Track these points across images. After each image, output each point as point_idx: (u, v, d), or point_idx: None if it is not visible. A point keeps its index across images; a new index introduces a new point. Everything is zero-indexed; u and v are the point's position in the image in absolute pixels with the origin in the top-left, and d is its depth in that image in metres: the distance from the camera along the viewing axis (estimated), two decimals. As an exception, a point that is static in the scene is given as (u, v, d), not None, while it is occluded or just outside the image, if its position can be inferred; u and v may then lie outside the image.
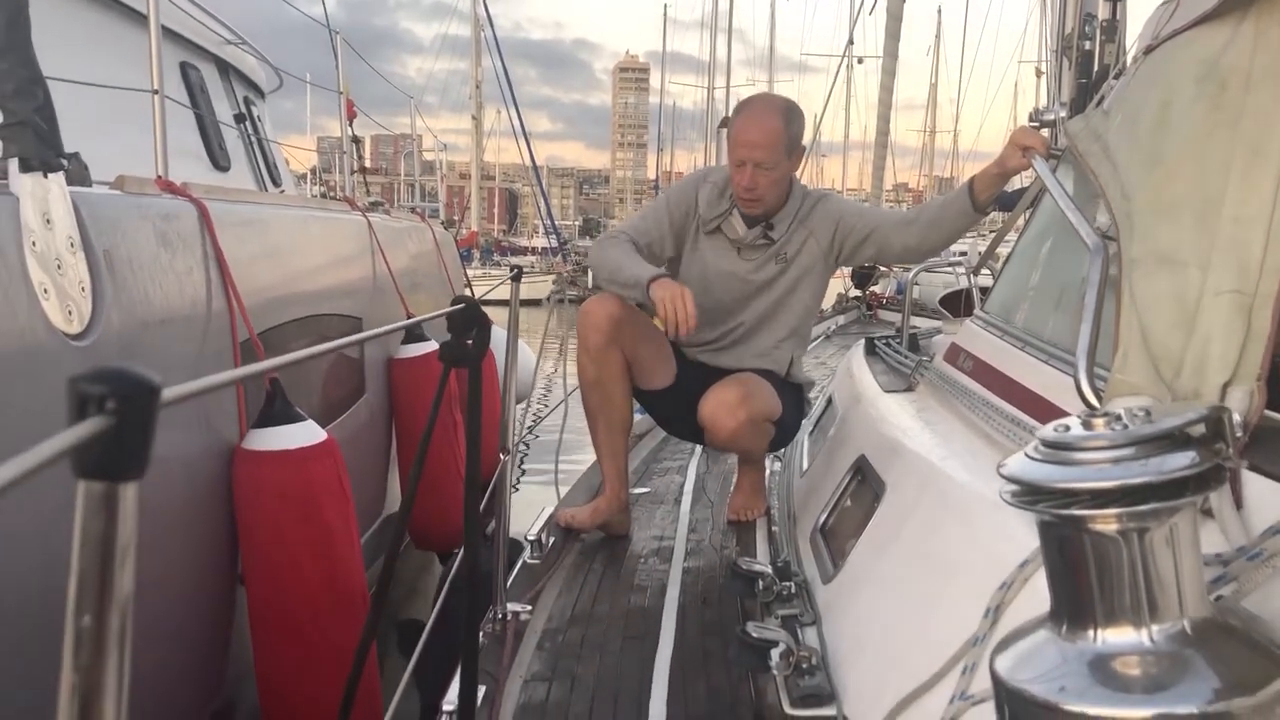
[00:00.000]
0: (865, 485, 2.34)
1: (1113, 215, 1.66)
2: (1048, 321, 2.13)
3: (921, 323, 5.61)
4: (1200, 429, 0.93)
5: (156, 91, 2.88)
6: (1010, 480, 0.95)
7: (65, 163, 2.17)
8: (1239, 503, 1.15)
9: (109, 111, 3.42)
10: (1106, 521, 0.89)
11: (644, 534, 3.06)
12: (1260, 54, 1.53)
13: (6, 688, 1.87)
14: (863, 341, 3.71)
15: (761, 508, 3.18)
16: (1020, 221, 3.36)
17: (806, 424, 3.89)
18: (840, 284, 13.85)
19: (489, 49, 31.35)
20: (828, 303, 14.39)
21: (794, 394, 3.10)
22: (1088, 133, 2.03)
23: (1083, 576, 0.92)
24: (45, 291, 2.00)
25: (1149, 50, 1.91)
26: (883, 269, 12.79)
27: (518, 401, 5.28)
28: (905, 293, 3.71)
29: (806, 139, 3.14)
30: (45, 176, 2.09)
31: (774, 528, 3.02)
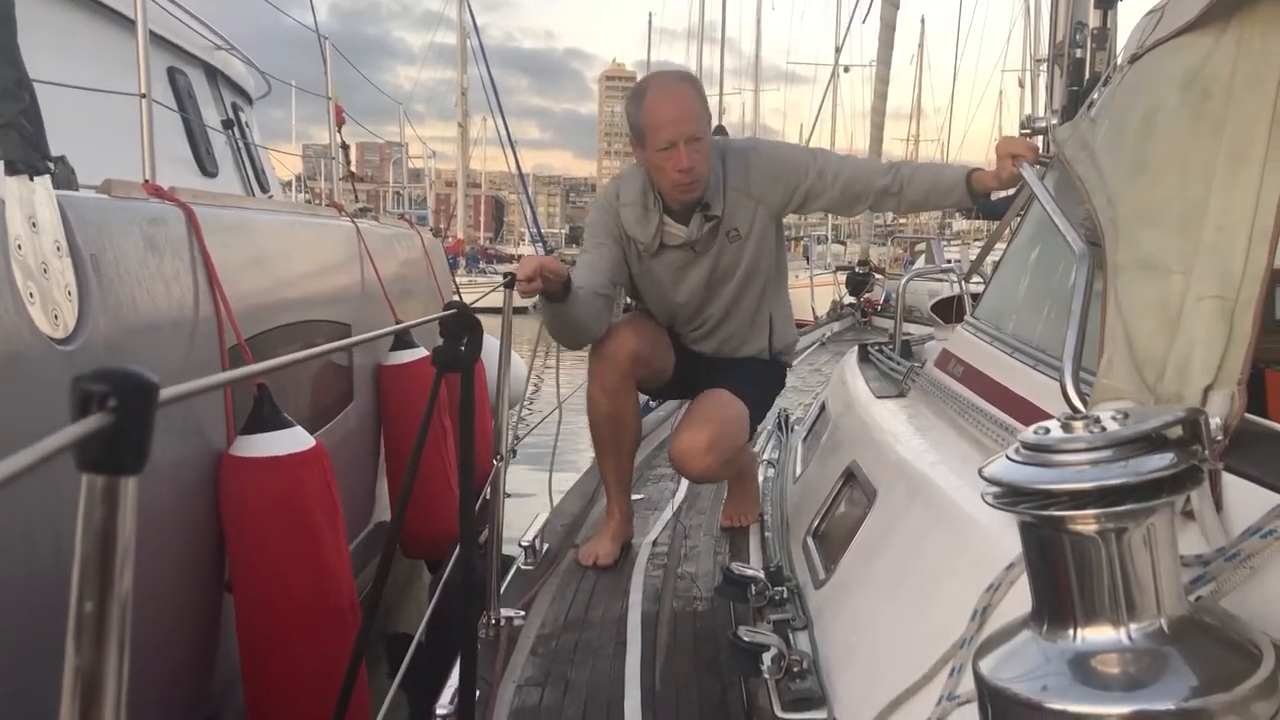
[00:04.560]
0: (857, 491, 2.34)
1: (1098, 222, 1.68)
2: (1036, 327, 2.14)
3: (915, 329, 5.63)
4: (1178, 431, 0.94)
5: (144, 96, 2.88)
6: (991, 481, 0.96)
7: (52, 166, 2.17)
8: (1219, 504, 1.16)
9: (96, 115, 3.41)
10: (1085, 522, 0.90)
11: (638, 540, 3.06)
12: (1242, 63, 1.55)
13: (7, 679, 1.87)
14: (856, 348, 3.71)
15: (754, 514, 3.17)
16: (1010, 228, 3.38)
17: (800, 429, 3.90)
18: (835, 291, 13.87)
19: (475, 57, 31.46)
20: (822, 309, 14.43)
21: (775, 373, 3.07)
22: (1075, 140, 2.04)
23: (1062, 576, 0.93)
24: (31, 296, 2.00)
25: (1134, 59, 1.92)
26: (877, 276, 12.83)
27: (510, 406, 5.27)
28: (898, 299, 3.72)
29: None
30: (31, 179, 2.08)
31: (767, 533, 3.02)
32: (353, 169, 7.11)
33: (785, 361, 3.12)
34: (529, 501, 3.60)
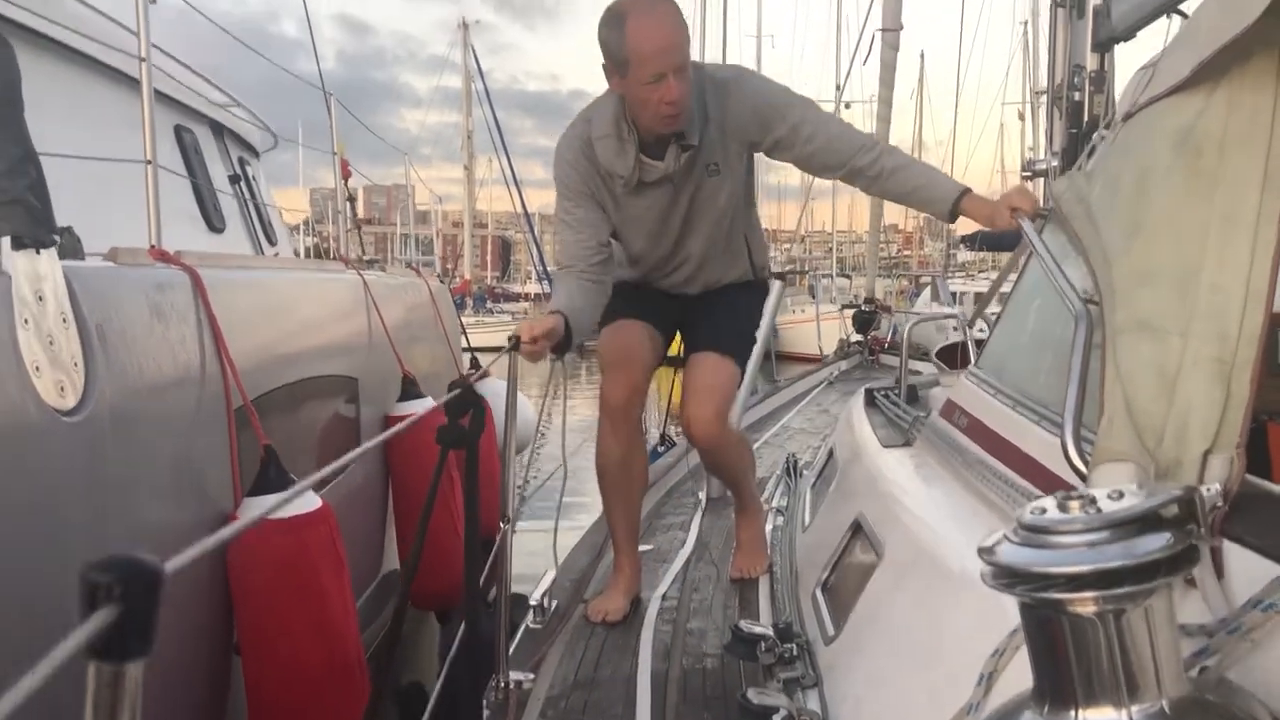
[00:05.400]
0: (865, 544, 2.34)
1: (1096, 282, 1.68)
2: (1037, 381, 2.14)
3: (922, 366, 5.63)
4: (1173, 510, 0.94)
5: (150, 162, 2.91)
6: (989, 563, 0.96)
7: (58, 238, 2.20)
8: (1220, 573, 1.16)
9: (103, 175, 3.46)
10: (1083, 604, 0.90)
11: (647, 594, 3.05)
12: (1233, 121, 1.56)
13: None
14: (862, 392, 3.71)
15: (764, 564, 3.15)
16: (1013, 272, 3.39)
17: (808, 475, 3.89)
18: (840, 328, 13.86)
19: (480, 100, 31.87)
20: (828, 346, 14.41)
21: (758, 293, 3.01)
22: (1072, 195, 2.05)
23: (1062, 657, 0.93)
24: (37, 369, 2.02)
25: (1128, 116, 1.94)
26: (883, 314, 12.83)
27: (517, 451, 5.26)
28: (903, 345, 3.72)
29: (798, 182, 3.12)
30: (38, 253, 2.11)
31: (776, 585, 3.01)
32: (359, 212, 7.17)
33: (764, 277, 3.06)
34: (535, 545, 3.59)
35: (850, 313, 12.77)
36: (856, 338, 12.31)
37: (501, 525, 2.25)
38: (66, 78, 3.95)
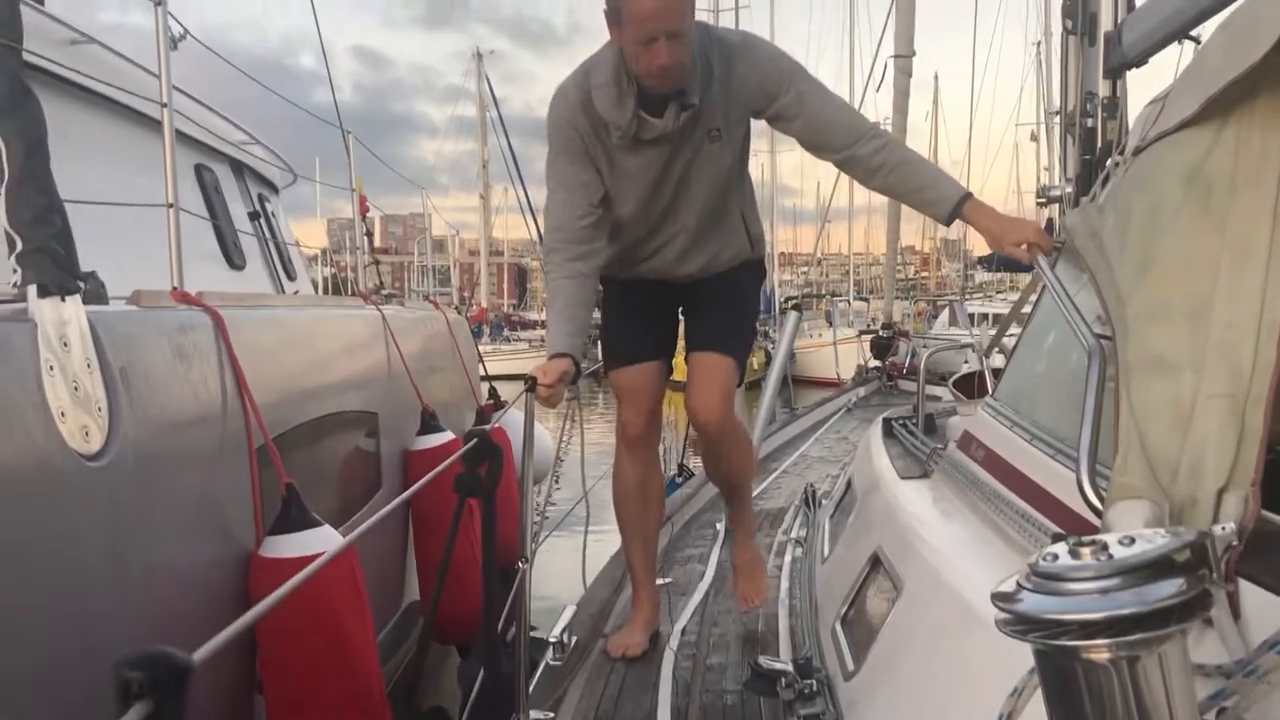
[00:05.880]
0: (883, 578, 2.34)
1: (1109, 317, 1.69)
2: (1053, 413, 2.15)
3: (940, 391, 5.61)
4: (1186, 554, 0.94)
5: (171, 205, 2.96)
6: (1002, 609, 0.97)
7: (82, 285, 2.23)
8: (1237, 614, 1.16)
9: (125, 215, 3.50)
10: (1097, 651, 0.90)
11: (666, 628, 3.05)
12: (1242, 159, 1.57)
13: None
14: (880, 422, 3.71)
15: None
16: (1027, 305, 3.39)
17: (827, 505, 3.89)
18: (857, 352, 13.85)
19: (495, 129, 32.15)
20: (846, 371, 14.39)
21: (756, 275, 3.00)
22: (1085, 229, 2.06)
23: (1077, 703, 0.93)
24: (62, 414, 2.05)
25: (1138, 151, 1.95)
26: (901, 339, 12.82)
27: (536, 481, 5.28)
28: (919, 377, 3.72)
29: (815, 206, 3.11)
30: (63, 299, 2.14)
31: (795, 619, 3.00)
32: (375, 242, 7.22)
33: (761, 253, 3.01)
34: (556, 577, 3.59)
35: (868, 338, 12.77)
36: (875, 363, 12.30)
37: (520, 565, 2.26)
38: (87, 120, 4.01)
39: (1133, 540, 0.95)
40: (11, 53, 2.17)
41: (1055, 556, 0.96)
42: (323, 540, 2.73)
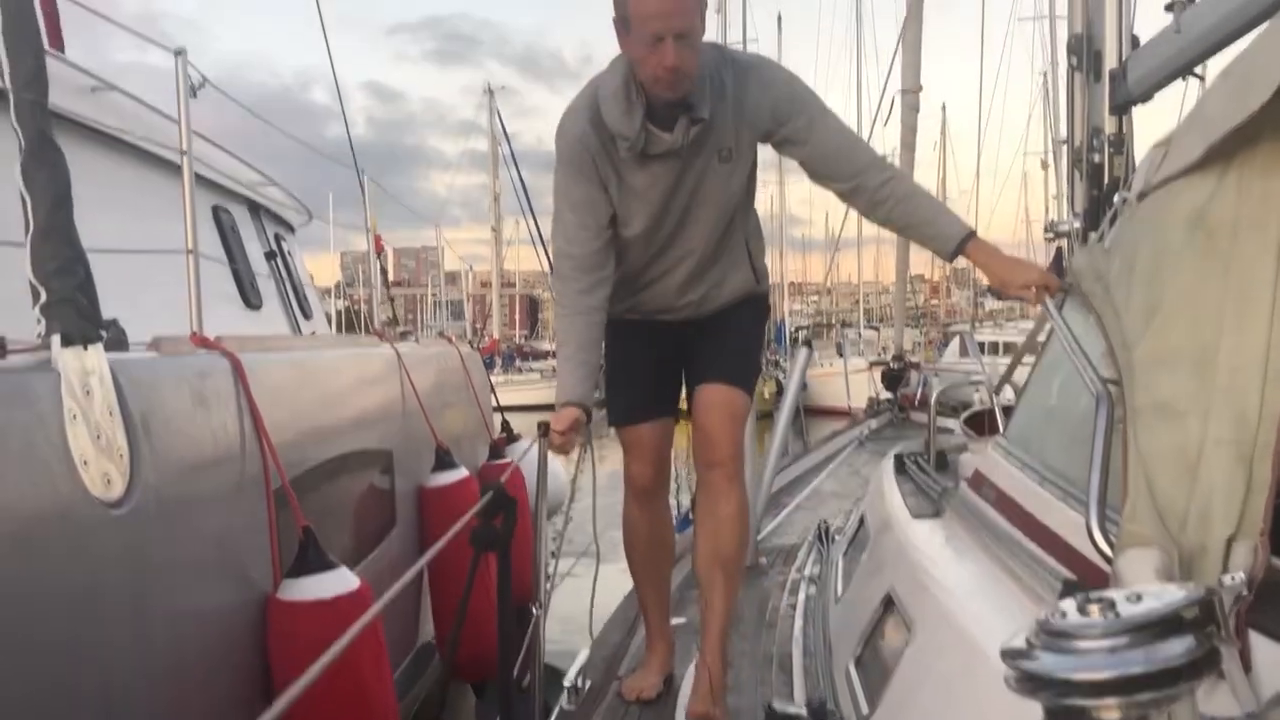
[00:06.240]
0: (896, 620, 2.34)
1: (1116, 363, 1.71)
2: (1063, 454, 2.16)
3: (951, 424, 5.61)
4: (1194, 611, 0.96)
5: (191, 252, 3.00)
6: (1012, 667, 0.98)
7: (104, 334, 2.27)
8: (1248, 666, 1.17)
9: (144, 256, 3.54)
10: (1107, 711, 0.91)
11: (680, 670, 3.05)
12: (1245, 205, 1.59)
13: None
14: (892, 458, 3.71)
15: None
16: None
17: (840, 541, 3.89)
18: (868, 382, 13.87)
19: (506, 162, 32.44)
20: (857, 400, 14.36)
21: (760, 310, 2.92)
22: (1091, 271, 2.08)
23: None
24: (85, 463, 2.07)
25: (1142, 196, 1.97)
26: (911, 370, 12.81)
27: (551, 515, 5.27)
28: (929, 414, 3.74)
29: (824, 235, 3.09)
30: (86, 348, 2.18)
31: (809, 660, 3.00)
32: (389, 275, 7.28)
33: (766, 288, 2.95)
34: (567, 616, 3.58)
35: (879, 370, 12.78)
36: (886, 395, 12.29)
37: (534, 611, 2.27)
38: (106, 163, 4.07)
39: (1140, 597, 0.96)
40: (38, 108, 2.21)
41: (1064, 613, 0.97)
42: (340, 583, 2.75)
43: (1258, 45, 1.69)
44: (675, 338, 2.86)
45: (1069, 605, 0.98)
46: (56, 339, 2.13)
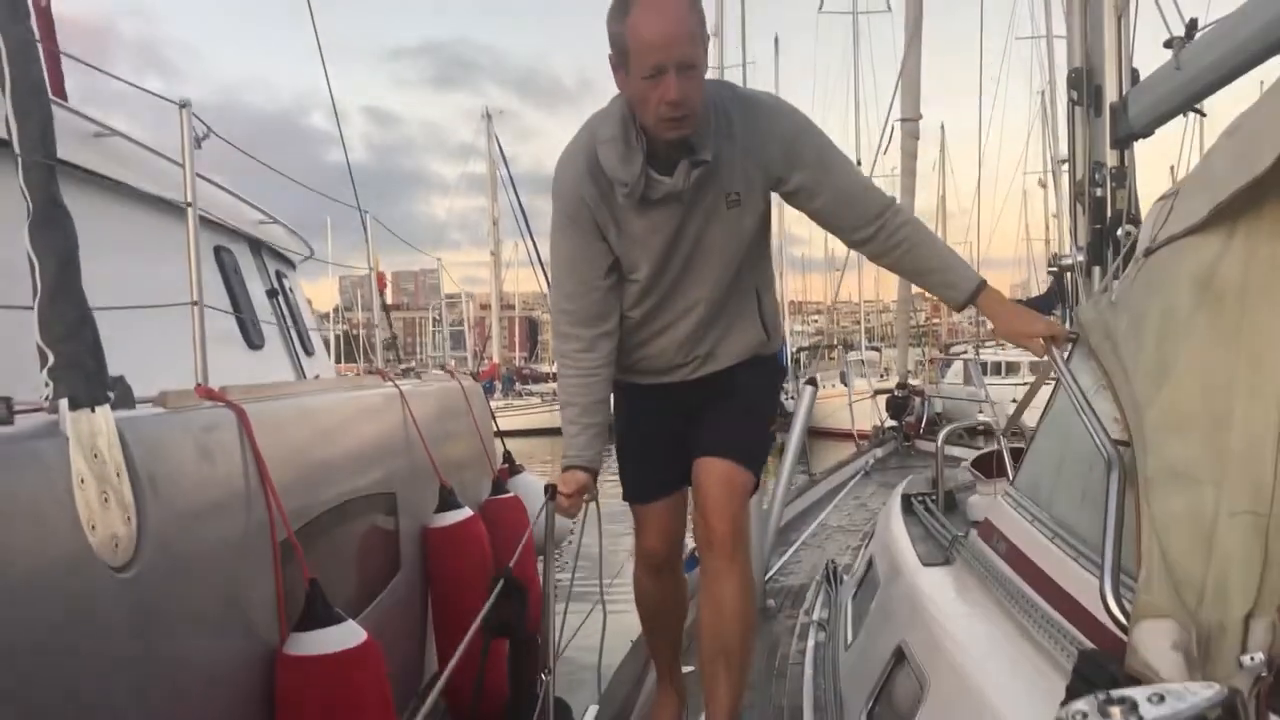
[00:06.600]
0: (909, 675, 2.33)
1: (1127, 425, 1.70)
2: (1072, 507, 2.15)
3: (958, 453, 5.60)
4: (1216, 713, 0.95)
5: (196, 303, 3.00)
6: None
7: (111, 394, 2.27)
8: (1270, 751, 1.16)
9: (148, 297, 3.53)
10: None
11: None
12: (1252, 269, 1.59)
13: None
14: (899, 498, 3.70)
15: None
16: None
17: (849, 583, 3.87)
18: (875, 413, 13.83)
19: (505, 185, 32.62)
20: (861, 423, 14.30)
21: (772, 374, 2.79)
22: (1099, 327, 2.08)
23: None
24: (93, 527, 2.07)
25: (1149, 252, 1.97)
26: (916, 398, 12.81)
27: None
28: (938, 453, 3.72)
29: (823, 255, 2.99)
30: (93, 411, 2.17)
31: (820, 713, 2.98)
32: (388, 298, 7.28)
33: (778, 347, 2.80)
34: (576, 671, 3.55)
35: (883, 399, 12.77)
36: (891, 423, 12.26)
37: (543, 677, 2.25)
38: (110, 208, 4.08)
39: (1162, 698, 0.96)
40: (46, 169, 2.22)
41: (1084, 715, 0.97)
42: (347, 636, 2.74)
43: (1264, 103, 1.69)
44: (683, 405, 2.73)
45: (1088, 706, 0.97)
46: (64, 403, 2.13)
